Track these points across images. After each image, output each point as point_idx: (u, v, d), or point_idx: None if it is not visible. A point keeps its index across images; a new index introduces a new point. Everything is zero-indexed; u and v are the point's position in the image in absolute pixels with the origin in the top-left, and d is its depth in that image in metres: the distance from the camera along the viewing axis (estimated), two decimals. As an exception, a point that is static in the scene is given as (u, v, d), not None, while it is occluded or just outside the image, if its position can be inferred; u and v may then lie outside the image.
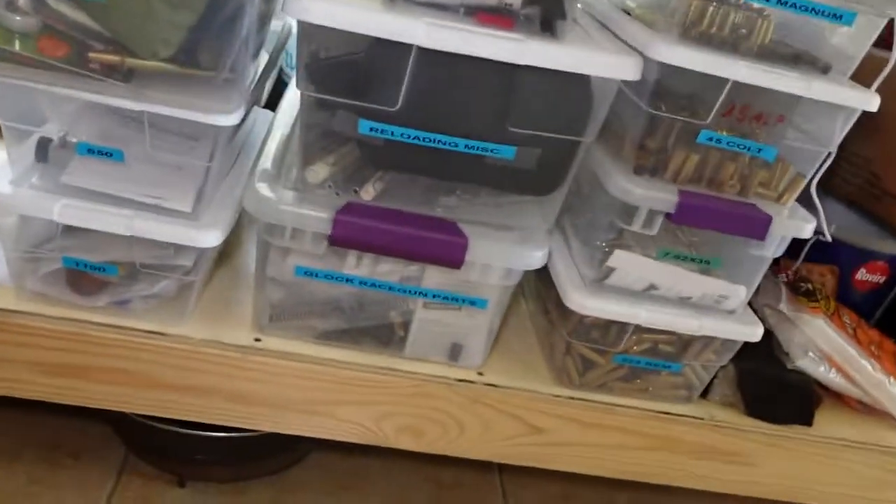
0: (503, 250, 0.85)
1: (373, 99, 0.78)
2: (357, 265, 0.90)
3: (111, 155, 0.79)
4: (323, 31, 0.74)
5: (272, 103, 1.12)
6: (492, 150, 0.81)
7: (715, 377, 0.98)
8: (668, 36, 0.81)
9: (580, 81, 0.80)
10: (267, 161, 0.89)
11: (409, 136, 0.80)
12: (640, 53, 0.79)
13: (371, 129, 0.79)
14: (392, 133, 0.80)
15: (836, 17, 0.82)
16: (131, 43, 0.70)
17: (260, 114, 1.10)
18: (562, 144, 0.84)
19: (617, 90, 0.81)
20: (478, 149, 0.81)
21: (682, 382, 0.99)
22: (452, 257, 0.84)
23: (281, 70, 1.25)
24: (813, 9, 0.81)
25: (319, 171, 0.83)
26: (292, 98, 1.05)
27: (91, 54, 0.70)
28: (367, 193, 0.85)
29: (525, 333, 1.07)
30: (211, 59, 0.74)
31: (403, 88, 0.77)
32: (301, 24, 0.74)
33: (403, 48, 0.75)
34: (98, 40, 0.71)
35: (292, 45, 1.21)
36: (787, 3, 0.81)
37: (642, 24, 0.85)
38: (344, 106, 0.79)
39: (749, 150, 0.85)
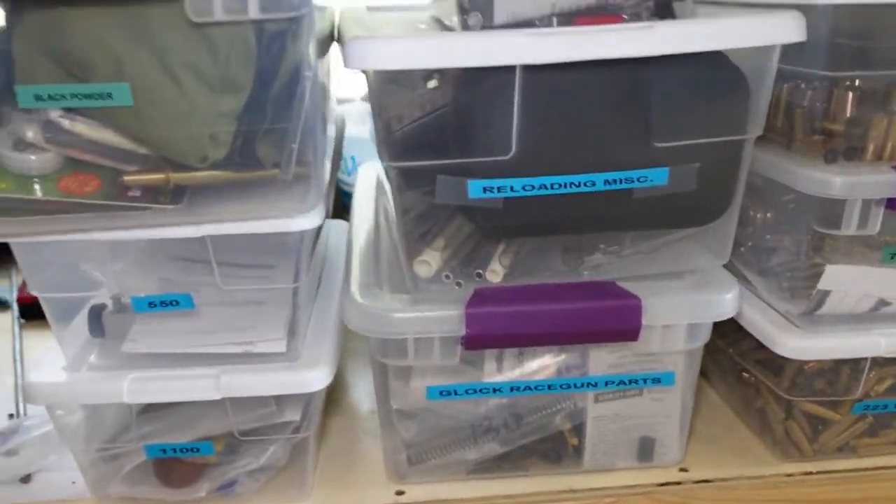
0: (685, 302, 0.66)
1: (479, 151, 0.61)
2: (499, 368, 0.70)
3: (177, 303, 0.62)
4: (400, 83, 0.59)
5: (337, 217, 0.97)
6: (639, 179, 0.63)
7: None
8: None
9: (726, 64, 0.63)
10: (358, 269, 0.72)
11: (532, 188, 0.62)
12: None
13: (484, 190, 0.62)
14: (511, 188, 0.62)
15: None
16: (173, 151, 0.55)
17: (332, 225, 0.94)
18: (722, 150, 0.65)
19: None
20: (621, 181, 0.63)
21: (949, 421, 0.75)
22: (626, 325, 0.64)
23: (338, 181, 1.11)
24: None
25: (431, 262, 0.66)
26: (366, 191, 0.90)
27: (126, 178, 0.55)
28: (495, 274, 0.67)
29: (712, 409, 0.85)
30: (272, 152, 0.58)
31: (514, 128, 0.60)
32: (373, 80, 0.58)
33: (504, 75, 0.58)
34: (132, 161, 0.57)
35: (349, 149, 1.07)
36: None
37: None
38: (444, 170, 0.62)
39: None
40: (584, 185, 0.63)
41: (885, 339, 0.67)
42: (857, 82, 0.63)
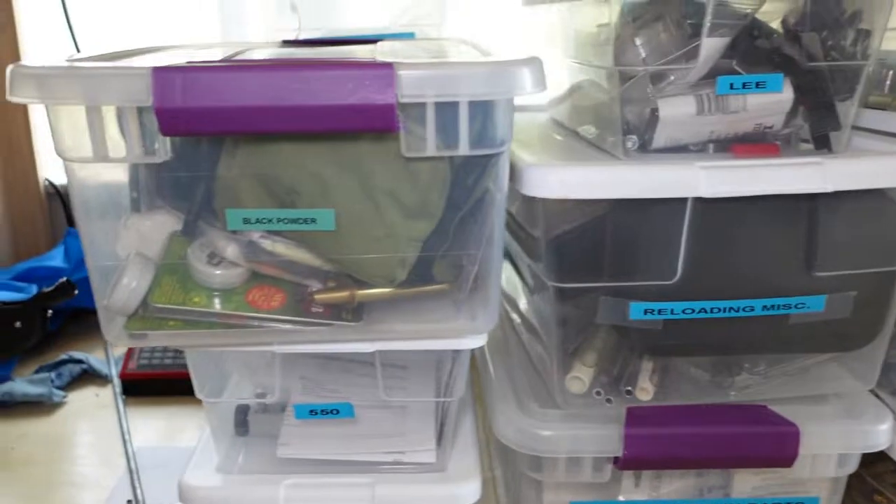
0: (841, 431, 0.65)
1: (643, 275, 0.62)
2: (637, 484, 0.70)
3: (338, 412, 0.63)
4: (570, 206, 0.61)
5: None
6: (797, 306, 0.64)
7: None
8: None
9: (882, 198, 0.64)
10: (495, 378, 0.73)
11: (693, 311, 0.63)
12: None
13: (646, 312, 0.63)
14: (672, 311, 0.63)
15: None
16: (364, 272, 0.57)
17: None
18: (877, 279, 0.65)
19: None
20: (780, 307, 0.63)
21: None
22: (783, 453, 0.64)
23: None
24: None
25: (583, 377, 0.66)
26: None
27: (317, 297, 0.57)
28: (645, 392, 0.67)
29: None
30: (448, 273, 0.60)
31: (681, 254, 0.61)
32: (545, 205, 0.60)
33: (675, 205, 0.60)
34: (315, 276, 0.58)
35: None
36: None
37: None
38: (607, 291, 0.63)
39: None
40: (744, 310, 0.63)
41: None
42: None
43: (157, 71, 0.47)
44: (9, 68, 0.49)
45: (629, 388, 0.68)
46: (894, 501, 0.75)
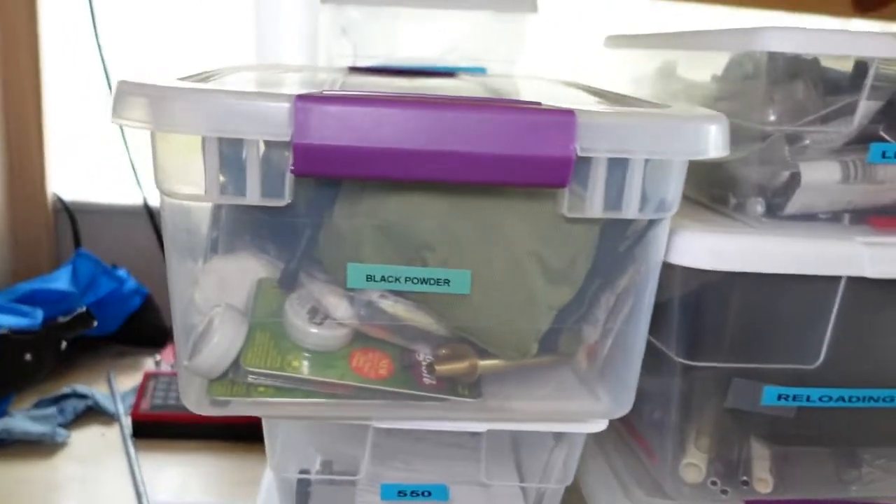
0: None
1: (783, 357, 0.56)
2: (739, 583, 0.63)
3: (430, 494, 0.55)
4: (712, 277, 0.54)
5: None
6: (930, 398, 0.58)
7: None
8: None
9: None
10: (603, 465, 0.65)
11: (831, 399, 0.57)
12: None
13: (780, 398, 0.56)
14: (808, 398, 0.57)
15: None
16: (495, 341, 0.49)
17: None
18: None
19: None
20: (913, 399, 0.58)
21: None
22: (922, 563, 0.58)
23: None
24: None
25: (699, 464, 0.59)
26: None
27: (438, 367, 0.49)
28: (764, 484, 0.60)
29: None
30: (575, 345, 0.52)
31: (828, 337, 0.55)
32: (682, 274, 0.53)
33: (827, 283, 0.54)
34: (426, 341, 0.51)
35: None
36: None
37: None
38: (740, 372, 0.56)
39: None
40: (884, 399, 0.57)
41: None
42: None
43: (301, 100, 0.39)
44: (116, 84, 0.41)
45: (745, 478, 0.61)
46: None
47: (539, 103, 0.43)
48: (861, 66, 0.58)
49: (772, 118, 0.59)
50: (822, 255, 0.52)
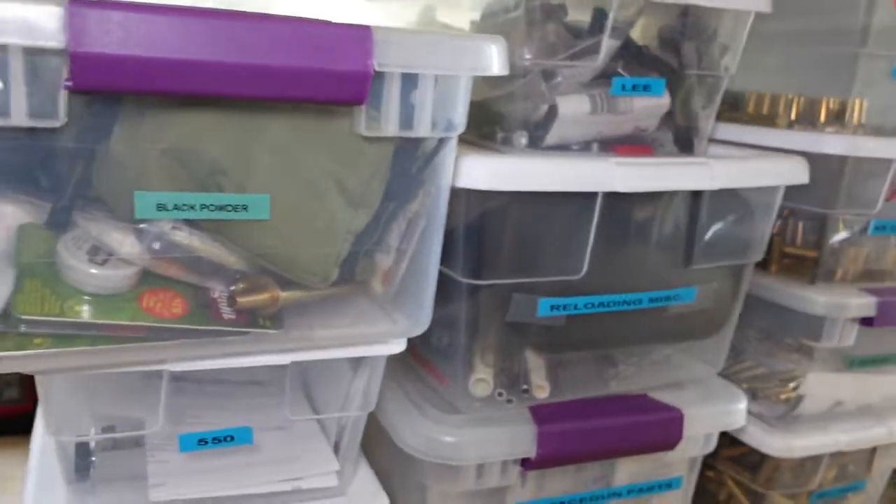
0: (710, 414, 0.70)
1: (554, 270, 0.62)
2: (523, 485, 0.69)
3: (232, 439, 0.54)
4: (490, 201, 0.58)
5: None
6: (675, 297, 0.68)
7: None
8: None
9: (741, 199, 0.71)
10: (396, 389, 0.68)
11: (594, 305, 0.64)
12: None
13: (552, 308, 0.63)
14: (576, 307, 0.63)
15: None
16: (297, 269, 0.49)
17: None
18: (729, 274, 0.72)
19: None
20: (663, 299, 0.67)
21: (865, 499, 0.87)
22: (671, 437, 0.67)
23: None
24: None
25: (487, 379, 0.64)
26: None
27: (240, 299, 0.48)
28: (541, 390, 0.67)
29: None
30: (370, 269, 0.54)
31: (588, 249, 0.62)
32: (466, 197, 0.57)
33: (586, 200, 0.60)
34: (220, 277, 0.49)
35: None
36: None
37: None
38: (518, 288, 0.61)
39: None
40: (633, 303, 0.66)
41: (845, 436, 0.78)
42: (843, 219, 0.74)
43: (75, 4, 0.35)
44: None
45: (526, 387, 0.66)
46: (729, 473, 0.83)
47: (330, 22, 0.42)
48: (600, 13, 0.65)
49: (528, 56, 0.64)
50: (583, 174, 0.58)
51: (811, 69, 0.77)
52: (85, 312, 0.44)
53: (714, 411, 0.71)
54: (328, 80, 0.41)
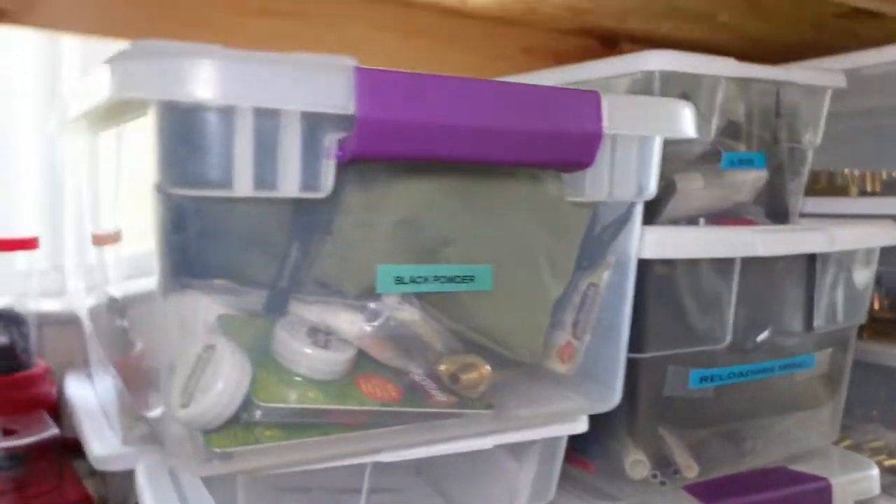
0: (854, 482, 0.70)
1: (704, 339, 0.62)
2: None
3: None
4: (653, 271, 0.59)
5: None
6: (800, 364, 0.69)
7: None
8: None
9: (845, 263, 0.73)
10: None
11: (736, 375, 0.64)
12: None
13: (702, 380, 0.62)
14: (721, 377, 0.63)
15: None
16: (512, 344, 0.47)
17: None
18: (839, 338, 0.74)
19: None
20: (791, 367, 0.68)
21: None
22: (824, 507, 0.66)
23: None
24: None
25: (644, 459, 0.62)
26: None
27: (463, 376, 0.46)
28: (691, 469, 0.65)
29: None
30: (548, 344, 0.53)
31: (731, 317, 0.62)
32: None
33: (727, 267, 0.61)
34: (421, 359, 0.47)
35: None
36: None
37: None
38: (672, 360, 0.61)
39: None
40: (768, 371, 0.66)
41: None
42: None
43: (361, 71, 0.36)
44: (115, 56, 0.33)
45: (676, 468, 0.65)
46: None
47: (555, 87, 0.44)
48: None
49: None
50: (733, 241, 0.59)
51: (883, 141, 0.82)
52: (318, 399, 0.41)
53: (852, 480, 0.70)
54: (567, 143, 0.42)
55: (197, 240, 0.39)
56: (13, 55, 1.15)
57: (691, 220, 0.71)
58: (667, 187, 0.67)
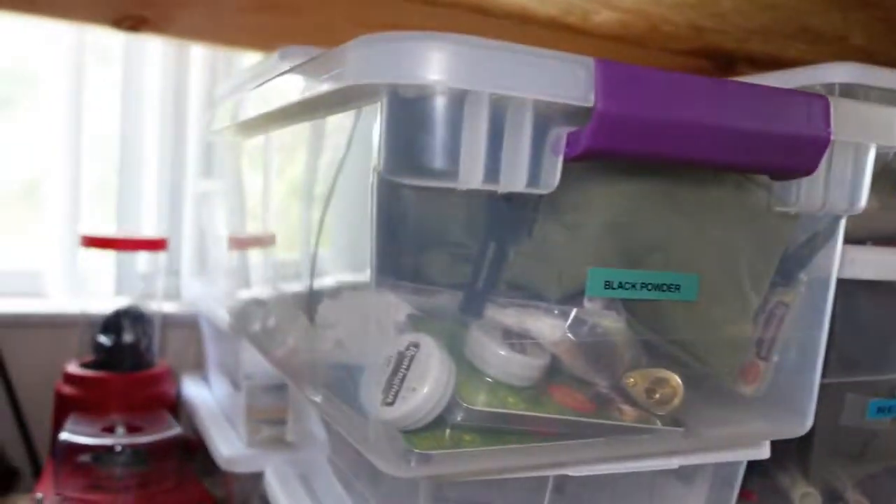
0: None
1: (884, 368, 0.58)
2: None
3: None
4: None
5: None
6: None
7: None
8: None
9: None
10: None
11: (916, 407, 0.60)
12: None
13: (879, 411, 0.58)
14: (899, 409, 0.59)
15: None
16: (711, 358, 0.45)
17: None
18: None
19: None
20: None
21: None
22: None
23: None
24: None
25: (814, 492, 0.58)
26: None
27: (659, 390, 0.43)
28: (864, 506, 0.60)
29: None
30: (734, 361, 0.50)
31: (917, 345, 0.58)
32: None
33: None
34: (613, 369, 0.45)
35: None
36: None
37: None
38: (850, 387, 0.57)
39: None
40: (950, 406, 0.61)
41: None
42: None
43: (603, 63, 0.34)
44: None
45: (845, 502, 0.61)
46: None
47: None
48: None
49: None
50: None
51: None
52: (517, 405, 0.40)
53: None
54: (795, 148, 0.39)
55: (410, 234, 0.38)
56: (145, 62, 1.19)
57: (858, 242, 0.67)
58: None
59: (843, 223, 0.47)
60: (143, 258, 1.15)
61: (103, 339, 1.00)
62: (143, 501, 0.84)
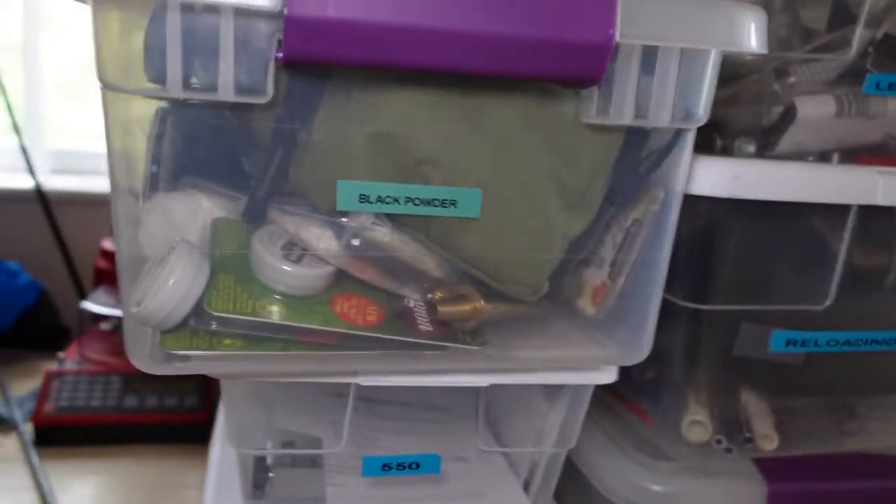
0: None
1: (793, 297, 0.52)
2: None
3: (418, 466, 0.48)
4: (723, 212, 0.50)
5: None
6: (938, 339, 0.56)
7: None
8: None
9: None
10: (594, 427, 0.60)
11: (838, 343, 0.53)
12: None
13: (788, 343, 0.53)
14: (816, 343, 0.53)
15: None
16: (505, 277, 0.43)
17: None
18: None
19: None
20: (919, 340, 0.55)
21: None
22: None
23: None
24: None
25: (705, 421, 0.55)
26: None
27: (441, 307, 0.42)
28: (769, 441, 0.56)
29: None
30: (576, 286, 0.47)
31: (837, 275, 0.51)
32: (695, 205, 0.49)
33: (835, 216, 0.50)
34: (413, 284, 0.44)
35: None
36: None
37: None
38: (747, 316, 0.52)
39: None
40: (887, 343, 0.55)
41: None
42: None
43: (293, -37, 0.32)
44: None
45: (749, 435, 0.57)
46: None
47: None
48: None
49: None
50: (841, 183, 0.49)
51: None
52: (277, 313, 0.40)
53: None
54: (563, 53, 0.35)
55: (180, 143, 0.38)
56: None
57: (823, 156, 0.59)
58: (785, 113, 0.56)
59: (690, 136, 0.42)
60: None
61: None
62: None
